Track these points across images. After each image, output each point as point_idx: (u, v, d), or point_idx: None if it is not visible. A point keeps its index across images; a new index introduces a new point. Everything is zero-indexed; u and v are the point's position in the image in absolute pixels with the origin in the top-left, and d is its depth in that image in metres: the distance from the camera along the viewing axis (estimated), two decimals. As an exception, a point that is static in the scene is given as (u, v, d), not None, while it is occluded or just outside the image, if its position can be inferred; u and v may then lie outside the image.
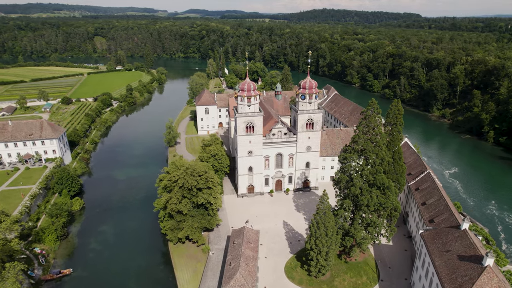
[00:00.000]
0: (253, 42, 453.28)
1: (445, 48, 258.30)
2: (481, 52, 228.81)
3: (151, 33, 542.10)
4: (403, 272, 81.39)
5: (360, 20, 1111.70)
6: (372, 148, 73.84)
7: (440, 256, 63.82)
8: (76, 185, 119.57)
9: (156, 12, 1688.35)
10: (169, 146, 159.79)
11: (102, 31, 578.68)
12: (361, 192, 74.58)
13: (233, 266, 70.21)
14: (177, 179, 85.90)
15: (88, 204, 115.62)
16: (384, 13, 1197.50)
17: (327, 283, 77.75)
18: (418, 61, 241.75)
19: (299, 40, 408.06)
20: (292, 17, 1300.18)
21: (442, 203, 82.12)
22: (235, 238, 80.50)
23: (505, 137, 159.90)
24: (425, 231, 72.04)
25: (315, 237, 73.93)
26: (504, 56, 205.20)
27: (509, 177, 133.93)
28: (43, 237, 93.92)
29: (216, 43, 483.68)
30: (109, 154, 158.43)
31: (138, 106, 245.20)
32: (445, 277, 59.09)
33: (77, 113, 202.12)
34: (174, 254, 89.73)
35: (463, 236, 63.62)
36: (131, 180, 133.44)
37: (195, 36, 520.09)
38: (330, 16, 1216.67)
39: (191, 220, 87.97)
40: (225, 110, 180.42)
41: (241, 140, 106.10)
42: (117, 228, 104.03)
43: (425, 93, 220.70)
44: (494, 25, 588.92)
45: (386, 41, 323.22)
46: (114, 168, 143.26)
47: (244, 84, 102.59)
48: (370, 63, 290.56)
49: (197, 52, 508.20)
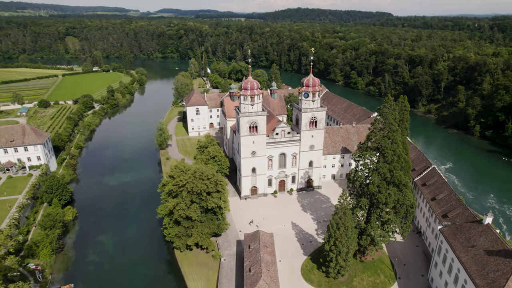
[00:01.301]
0: (233, 41, 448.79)
1: (425, 46, 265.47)
2: (460, 49, 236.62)
3: (127, 33, 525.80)
4: (418, 268, 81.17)
5: (335, 19, 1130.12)
6: (389, 145, 72.86)
7: (465, 251, 63.54)
8: (67, 193, 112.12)
9: (127, 11, 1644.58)
10: (161, 149, 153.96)
11: (74, 31, 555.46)
12: (379, 190, 73.42)
13: (254, 273, 67.17)
14: (185, 184, 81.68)
15: (81, 213, 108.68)
16: (357, 12, 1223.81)
17: (346, 284, 76.22)
18: (401, 58, 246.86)
19: (280, 38, 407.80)
20: (267, 16, 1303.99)
21: (454, 197, 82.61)
22: (250, 242, 77.40)
23: (491, 131, 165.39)
24: (444, 227, 71.78)
25: (334, 238, 72.13)
26: (483, 53, 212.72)
27: (501, 170, 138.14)
28: (37, 251, 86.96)
29: (195, 42, 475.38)
30: (96, 159, 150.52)
31: (121, 108, 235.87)
32: (475, 273, 58.70)
33: (58, 117, 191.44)
34: (183, 262, 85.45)
35: (487, 231, 63.62)
36: (124, 185, 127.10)
37: (172, 35, 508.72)
38: (305, 15, 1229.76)
39: (200, 226, 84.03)
40: (216, 110, 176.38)
41: (244, 141, 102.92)
42: (116, 237, 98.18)
43: (409, 90, 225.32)
44: (462, 24, 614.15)
45: (367, 39, 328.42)
46: (104, 173, 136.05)
47: (247, 82, 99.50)
48: (353, 61, 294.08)
49: (175, 52, 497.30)
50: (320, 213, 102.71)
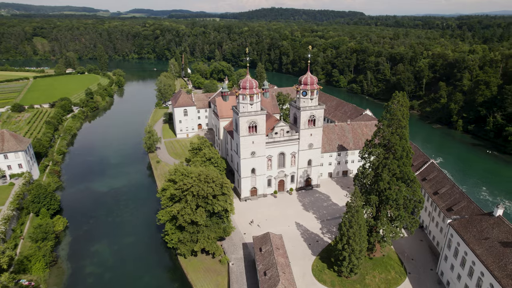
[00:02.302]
0: (211, 41, 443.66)
1: (404, 43, 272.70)
2: (438, 47, 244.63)
3: (100, 34, 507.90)
4: (426, 263, 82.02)
5: (309, 18, 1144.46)
6: (399, 141, 72.99)
7: (479, 244, 64.43)
8: (55, 202, 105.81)
9: (97, 11, 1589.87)
10: (149, 152, 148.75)
11: (42, 31, 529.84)
12: (389, 186, 73.42)
13: (271, 276, 65.26)
14: (189, 187, 78.48)
15: (73, 223, 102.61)
16: (330, 11, 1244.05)
17: (359, 282, 75.77)
18: (382, 56, 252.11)
19: (259, 38, 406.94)
20: (241, 16, 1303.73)
21: (457, 191, 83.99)
22: (261, 245, 75.37)
23: (473, 125, 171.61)
24: (453, 220, 72.72)
25: (347, 237, 71.38)
26: (460, 50, 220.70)
27: (488, 163, 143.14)
28: (29, 266, 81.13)
29: (172, 42, 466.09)
30: (82, 164, 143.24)
31: (101, 111, 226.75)
32: (492, 265, 59.51)
33: (34, 121, 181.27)
34: (189, 269, 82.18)
35: (500, 223, 64.81)
36: (115, 191, 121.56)
37: (148, 36, 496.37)
38: (279, 15, 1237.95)
39: (206, 230, 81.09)
40: (204, 111, 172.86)
41: (244, 141, 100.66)
42: (113, 246, 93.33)
43: (392, 86, 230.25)
44: (432, 23, 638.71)
45: (346, 38, 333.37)
46: (92, 179, 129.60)
47: (246, 81, 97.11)
48: (335, 59, 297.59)
49: (152, 53, 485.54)
50: (322, 211, 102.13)
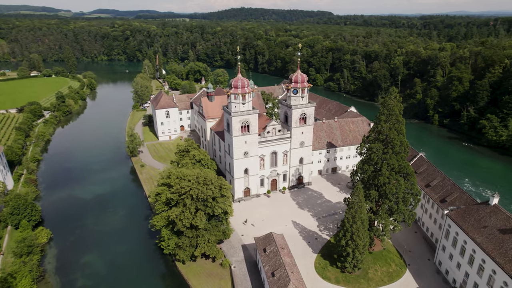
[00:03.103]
0: (184, 41, 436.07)
1: (378, 42, 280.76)
2: (410, 44, 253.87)
3: (66, 34, 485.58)
4: (423, 254, 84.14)
5: (278, 18, 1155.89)
6: (397, 136, 74.31)
7: (478, 232, 66.70)
8: (36, 213, 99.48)
9: (57, 11, 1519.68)
10: (132, 156, 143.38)
11: (0, 32, 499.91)
12: (389, 180, 74.57)
13: (280, 277, 64.27)
14: (188, 190, 75.95)
15: (57, 234, 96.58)
16: (300, 11, 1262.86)
17: (362, 277, 76.42)
18: (358, 54, 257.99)
19: (234, 38, 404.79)
20: (211, 16, 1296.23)
21: (448, 183, 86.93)
22: (264, 246, 74.18)
23: (448, 119, 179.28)
24: (450, 211, 74.94)
25: (350, 232, 71.73)
26: (431, 48, 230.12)
27: (465, 155, 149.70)
28: (14, 283, 74.99)
29: (143, 43, 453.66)
30: (60, 172, 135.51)
31: (75, 115, 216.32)
32: (493, 252, 61.74)
33: (1, 128, 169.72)
34: (189, 275, 79.54)
35: (497, 211, 67.38)
36: (99, 198, 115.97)
37: (118, 36, 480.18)
38: (249, 15, 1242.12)
39: (206, 234, 78.81)
40: (186, 112, 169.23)
41: (237, 141, 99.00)
42: (106, 256, 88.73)
43: (368, 84, 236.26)
44: (398, 22, 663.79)
45: (320, 37, 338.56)
46: (73, 187, 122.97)
47: (238, 80, 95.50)
48: (311, 58, 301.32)
49: (122, 54, 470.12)
50: (317, 209, 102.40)
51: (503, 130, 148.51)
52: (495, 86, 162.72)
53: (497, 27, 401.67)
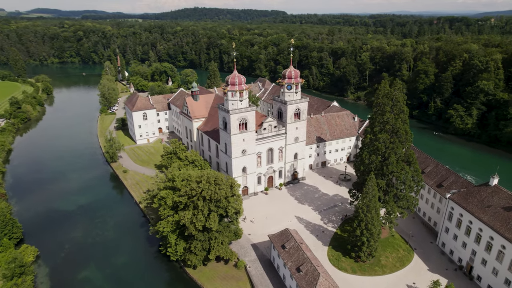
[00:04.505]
0: (143, 41, 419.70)
1: (342, 39, 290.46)
2: (374, 41, 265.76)
3: (7, 35, 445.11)
4: (424, 237, 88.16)
5: (234, 18, 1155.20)
6: (402, 125, 77.04)
7: (483, 212, 71.12)
8: (17, 229, 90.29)
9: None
10: (112, 162, 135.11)
11: None
12: (397, 169, 77.09)
13: (307, 271, 63.80)
14: (200, 192, 72.88)
15: (44, 251, 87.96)
16: (254, 11, 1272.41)
17: (376, 264, 78.35)
18: (324, 51, 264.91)
19: (196, 37, 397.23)
20: (164, 16, 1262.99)
21: (442, 168, 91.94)
22: (282, 242, 73.20)
23: (417, 111, 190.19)
24: (452, 195, 79.19)
25: (365, 222, 73.20)
26: (393, 44, 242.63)
27: (438, 143, 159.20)
28: (8, 309, 67.65)
29: (99, 44, 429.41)
30: (32, 183, 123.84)
31: (34, 122, 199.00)
32: (501, 228, 66.16)
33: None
34: (202, 279, 76.45)
35: (498, 191, 72.27)
36: (84, 208, 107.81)
37: (69, 37, 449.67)
38: (203, 15, 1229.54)
39: (220, 236, 76.18)
40: (164, 114, 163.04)
41: (235, 139, 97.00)
42: (105, 270, 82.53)
43: (337, 80, 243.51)
44: (351, 21, 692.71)
45: (284, 35, 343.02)
46: (51, 199, 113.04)
47: (234, 77, 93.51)
48: (277, 56, 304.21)
49: (76, 56, 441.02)
50: (316, 203, 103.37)
51: (468, 119, 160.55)
52: (457, 78, 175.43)
53: (440, 25, 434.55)
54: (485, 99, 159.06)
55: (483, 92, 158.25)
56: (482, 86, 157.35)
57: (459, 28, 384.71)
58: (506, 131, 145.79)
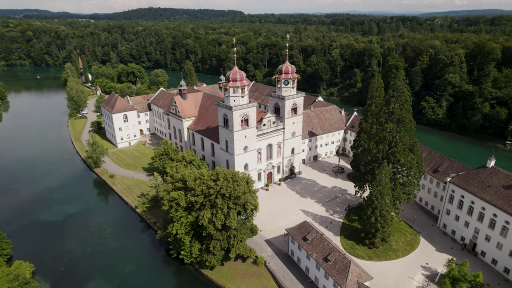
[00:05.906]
0: (103, 42, 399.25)
1: (310, 37, 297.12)
2: (342, 38, 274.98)
3: None
4: (425, 220, 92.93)
5: (190, 18, 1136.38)
6: (407, 115, 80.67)
7: (485, 192, 76.52)
8: (7, 246, 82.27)
9: None
10: (95, 167, 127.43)
11: None
12: (404, 156, 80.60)
13: (335, 260, 64.78)
14: (219, 189, 71.13)
15: (40, 266, 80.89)
16: (211, 11, 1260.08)
17: (389, 249, 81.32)
18: (294, 49, 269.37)
19: (160, 37, 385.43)
20: (116, 16, 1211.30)
21: (435, 155, 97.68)
22: (303, 235, 73.48)
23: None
24: (452, 178, 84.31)
25: (379, 208, 75.77)
26: (361, 41, 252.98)
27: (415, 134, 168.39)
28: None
29: (53, 45, 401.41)
30: (8, 195, 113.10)
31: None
32: (505, 205, 71.65)
33: None
34: (222, 280, 74.66)
35: (496, 172, 78.11)
36: (74, 218, 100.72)
37: (17, 38, 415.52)
38: (158, 15, 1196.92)
39: (238, 233, 74.84)
40: (145, 115, 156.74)
41: (238, 136, 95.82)
42: (113, 280, 77.71)
43: (309, 77, 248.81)
44: (310, 20, 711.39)
45: (251, 33, 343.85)
46: (35, 211, 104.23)
47: (235, 73, 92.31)
48: (247, 55, 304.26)
49: (26, 58, 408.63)
50: (318, 195, 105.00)
51: (439, 110, 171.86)
52: (425, 72, 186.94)
53: (393, 24, 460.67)
54: (453, 91, 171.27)
55: (450, 85, 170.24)
56: (449, 79, 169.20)
57: (412, 26, 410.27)
58: (473, 119, 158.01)
